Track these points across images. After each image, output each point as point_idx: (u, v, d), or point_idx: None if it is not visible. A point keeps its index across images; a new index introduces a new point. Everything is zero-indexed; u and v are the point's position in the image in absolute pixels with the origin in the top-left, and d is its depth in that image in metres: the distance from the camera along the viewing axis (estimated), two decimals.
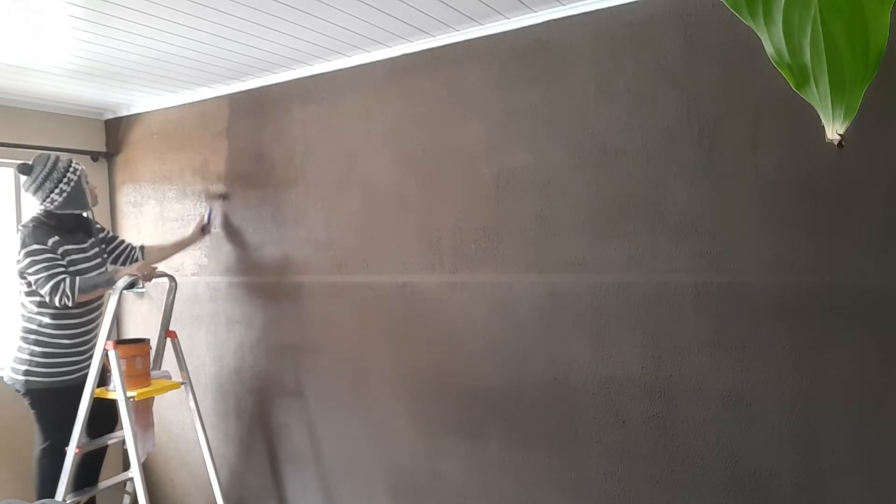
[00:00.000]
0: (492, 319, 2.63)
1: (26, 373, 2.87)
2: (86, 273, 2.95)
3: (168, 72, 3.04)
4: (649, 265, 2.29)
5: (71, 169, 2.92)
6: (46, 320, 2.89)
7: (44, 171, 2.87)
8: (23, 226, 2.90)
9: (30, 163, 2.90)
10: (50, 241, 2.85)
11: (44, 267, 2.79)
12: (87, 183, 3.00)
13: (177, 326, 3.26)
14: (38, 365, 2.88)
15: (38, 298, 2.86)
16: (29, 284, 2.86)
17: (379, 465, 2.99)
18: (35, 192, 2.88)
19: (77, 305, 2.87)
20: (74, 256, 2.94)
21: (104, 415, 3.07)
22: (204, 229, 3.40)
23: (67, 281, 2.78)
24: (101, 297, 3.05)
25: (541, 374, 2.52)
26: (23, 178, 2.91)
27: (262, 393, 3.36)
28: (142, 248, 3.32)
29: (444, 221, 2.73)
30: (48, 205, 2.89)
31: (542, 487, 2.55)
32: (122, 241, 3.29)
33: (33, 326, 2.90)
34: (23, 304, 2.93)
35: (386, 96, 2.87)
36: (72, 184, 2.91)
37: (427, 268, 2.79)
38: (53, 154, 2.96)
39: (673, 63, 2.23)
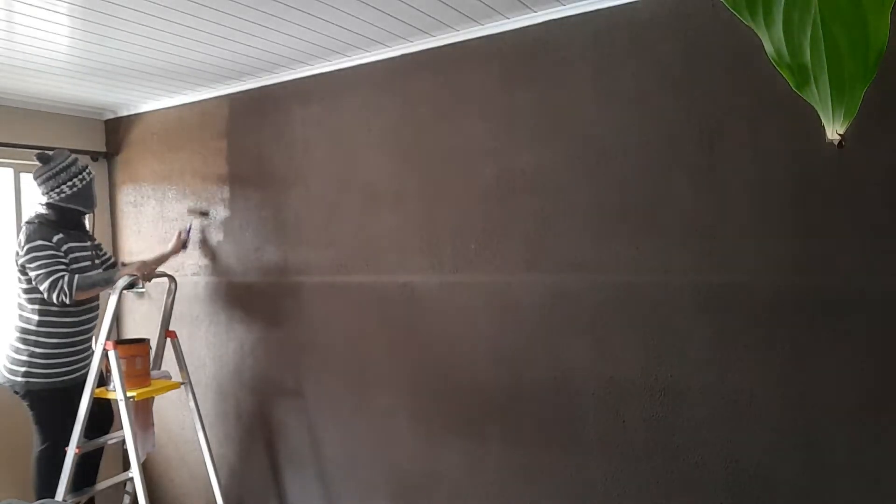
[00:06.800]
0: (492, 319, 2.63)
1: (26, 374, 2.87)
2: (87, 270, 2.97)
3: (168, 72, 3.04)
4: (649, 265, 2.29)
5: (87, 170, 3.02)
6: (43, 319, 2.89)
7: (62, 163, 2.94)
8: (27, 222, 2.92)
9: (49, 153, 2.97)
10: (55, 238, 2.87)
11: (45, 263, 2.80)
12: (94, 188, 3.09)
13: (177, 326, 3.26)
14: (38, 366, 2.88)
15: (36, 296, 2.87)
16: (28, 282, 2.86)
17: (379, 465, 2.99)
18: (46, 181, 2.92)
19: (73, 304, 2.88)
20: (77, 254, 2.97)
21: (101, 415, 3.08)
22: (184, 243, 3.43)
23: (66, 278, 2.79)
24: (97, 296, 3.06)
25: (541, 374, 2.52)
26: (37, 165, 2.95)
27: (262, 393, 3.36)
28: (123, 264, 3.31)
29: (444, 221, 2.73)
30: (54, 196, 2.92)
31: (542, 487, 2.55)
32: (107, 254, 3.31)
33: (31, 327, 2.90)
34: (20, 305, 2.94)
35: (386, 96, 2.87)
36: (84, 182, 2.99)
37: (427, 268, 2.78)
38: (74, 154, 3.05)
39: (673, 63, 2.23)
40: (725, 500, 2.19)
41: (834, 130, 0.59)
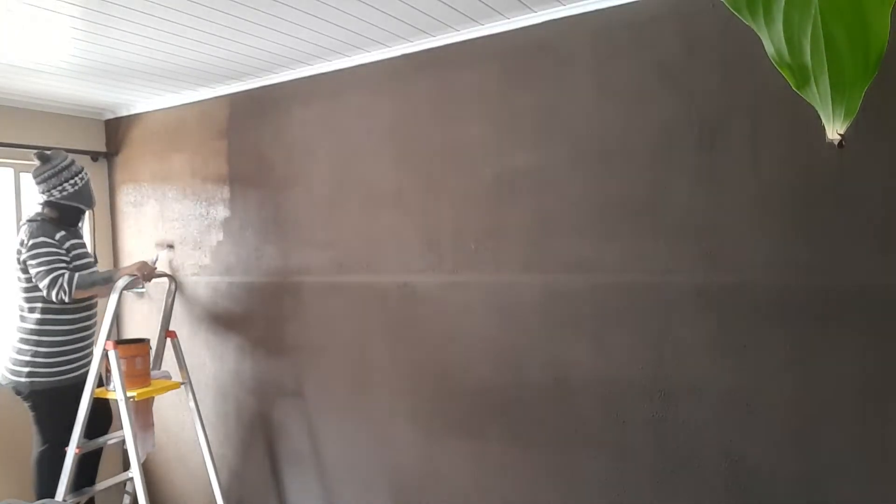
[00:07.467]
0: (492, 319, 2.63)
1: (30, 374, 2.88)
2: (88, 267, 2.98)
3: (168, 72, 3.04)
4: (649, 265, 2.29)
5: (84, 171, 3.07)
6: (45, 318, 2.90)
7: (63, 162, 2.99)
8: (29, 220, 2.94)
9: (47, 152, 3.01)
10: (57, 236, 2.90)
11: (46, 261, 2.82)
12: (92, 187, 3.13)
13: (177, 326, 3.26)
14: (41, 365, 2.89)
15: (37, 295, 2.87)
16: (29, 281, 2.87)
17: (379, 465, 2.99)
18: (47, 178, 2.95)
19: (72, 302, 2.88)
20: (79, 251, 3.00)
21: (100, 415, 3.08)
22: (146, 276, 3.07)
23: (66, 276, 2.80)
24: (95, 294, 3.06)
25: (541, 374, 2.52)
26: (37, 163, 2.97)
27: (262, 393, 3.36)
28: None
29: (444, 221, 2.73)
30: (56, 193, 2.94)
31: (542, 487, 2.55)
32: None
33: (33, 327, 2.90)
34: (21, 306, 2.94)
35: (386, 96, 2.87)
36: (84, 181, 3.03)
37: (427, 268, 2.78)
38: (71, 155, 3.09)
39: (673, 63, 2.23)
40: (725, 500, 2.19)
41: (834, 130, 0.59)
